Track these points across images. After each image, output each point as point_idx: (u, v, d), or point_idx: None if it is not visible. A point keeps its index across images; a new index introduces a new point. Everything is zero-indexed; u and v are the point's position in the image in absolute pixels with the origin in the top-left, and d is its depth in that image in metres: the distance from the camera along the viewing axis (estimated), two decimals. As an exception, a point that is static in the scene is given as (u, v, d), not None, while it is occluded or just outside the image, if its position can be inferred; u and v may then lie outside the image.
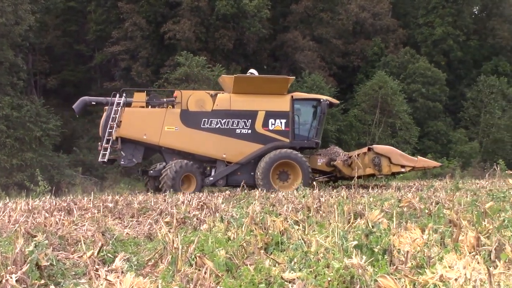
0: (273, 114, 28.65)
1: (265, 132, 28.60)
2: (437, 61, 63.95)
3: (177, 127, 28.40)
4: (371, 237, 9.14)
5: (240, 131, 28.54)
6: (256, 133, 28.54)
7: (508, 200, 13.97)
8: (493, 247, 8.20)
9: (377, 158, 27.85)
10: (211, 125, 28.49)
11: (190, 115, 28.55)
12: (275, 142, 28.56)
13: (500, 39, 67.38)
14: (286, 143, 28.61)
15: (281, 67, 60.54)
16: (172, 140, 28.41)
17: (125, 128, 28.15)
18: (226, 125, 28.52)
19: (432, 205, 14.26)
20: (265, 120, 28.59)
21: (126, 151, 28.33)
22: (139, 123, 28.29)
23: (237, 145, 28.50)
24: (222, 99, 28.93)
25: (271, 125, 28.61)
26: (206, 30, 54.12)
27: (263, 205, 16.26)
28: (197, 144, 28.46)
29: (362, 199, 16.65)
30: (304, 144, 29.06)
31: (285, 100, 28.82)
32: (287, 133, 28.67)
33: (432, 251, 8.63)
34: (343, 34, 63.27)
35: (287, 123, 28.63)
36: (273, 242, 9.91)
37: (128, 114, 28.35)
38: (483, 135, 61.48)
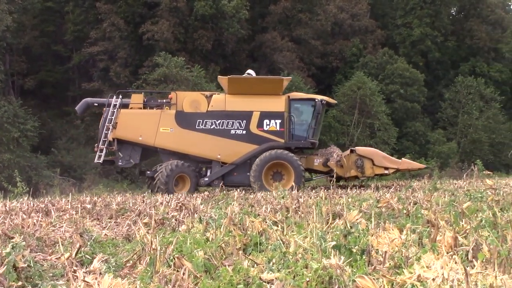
0: (268, 115, 28.59)
1: (260, 132, 28.57)
2: (415, 62, 64.23)
3: (172, 128, 28.58)
4: (350, 237, 9.16)
5: (234, 132, 28.56)
6: (250, 134, 28.54)
7: (486, 200, 14.04)
8: (470, 247, 8.25)
9: (360, 160, 27.84)
10: (206, 126, 28.57)
11: (185, 116, 28.70)
12: (269, 142, 28.50)
13: (478, 40, 67.79)
14: (281, 143, 28.55)
15: (260, 67, 60.50)
16: (167, 141, 28.63)
17: (121, 130, 28.56)
18: (221, 126, 28.55)
19: (410, 206, 14.32)
20: (260, 120, 28.54)
21: (124, 152, 28.77)
22: (134, 125, 28.62)
23: (232, 145, 28.54)
24: (217, 100, 29.01)
25: (266, 125, 28.53)
26: (185, 31, 54.03)
27: (241, 206, 16.26)
28: (191, 145, 28.59)
29: (340, 199, 16.70)
30: (299, 145, 28.94)
31: (280, 100, 28.75)
32: (282, 133, 28.59)
33: (410, 251, 8.67)
34: (321, 35, 63.39)
35: (282, 123, 28.53)
36: (252, 243, 9.92)
37: (124, 116, 28.73)
38: (461, 135, 61.81)
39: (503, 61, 69.04)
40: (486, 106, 63.07)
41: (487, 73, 66.85)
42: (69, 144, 49.62)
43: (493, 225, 10.17)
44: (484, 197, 14.58)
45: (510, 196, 13.95)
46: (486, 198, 14.31)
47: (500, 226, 9.85)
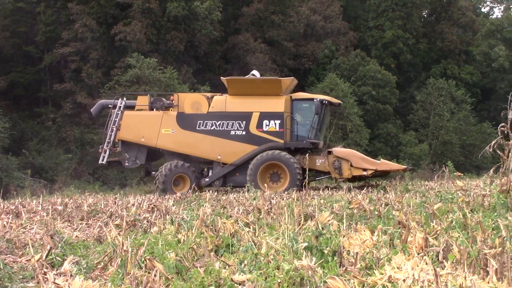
0: (267, 115, 28.57)
1: (259, 133, 28.56)
2: (387, 63, 64.52)
3: (173, 130, 28.93)
4: (321, 238, 9.18)
5: (234, 133, 28.63)
6: (250, 135, 28.56)
7: (456, 201, 14.14)
8: (440, 248, 8.30)
9: (337, 162, 27.63)
10: (206, 127, 28.75)
11: (186, 117, 28.96)
12: (269, 143, 28.48)
13: (449, 43, 68.23)
14: (280, 144, 28.50)
15: (233, 69, 60.50)
16: (168, 142, 29.01)
17: (124, 131, 29.21)
18: (221, 127, 28.67)
19: (381, 207, 14.38)
20: (259, 121, 28.55)
21: (130, 153, 29.44)
22: (137, 126, 29.18)
23: (232, 146, 28.61)
24: (217, 101, 29.16)
25: (265, 126, 28.52)
26: (157, 32, 53.87)
27: (214, 207, 16.24)
28: (192, 146, 28.84)
29: (312, 201, 16.72)
30: (299, 145, 28.74)
31: (279, 101, 28.68)
32: (282, 134, 28.53)
33: (381, 252, 8.71)
34: (294, 36, 63.52)
35: (281, 124, 28.47)
36: (224, 244, 9.91)
37: (127, 117, 29.37)
38: (432, 137, 62.18)
39: (473, 64, 69.54)
40: (457, 108, 63.50)
41: (458, 75, 67.30)
42: (40, 145, 49.31)
43: (463, 226, 10.25)
44: (455, 199, 14.68)
45: (480, 197, 14.03)
46: (456, 200, 14.41)
47: (470, 227, 9.93)
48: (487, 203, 13.48)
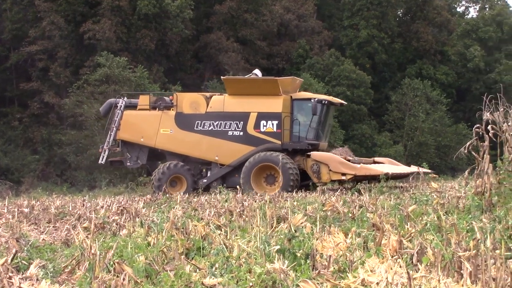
0: (265, 116, 28.46)
1: (257, 134, 28.46)
2: (362, 63, 64.79)
3: (171, 130, 29.03)
4: (294, 241, 9.19)
5: (232, 133, 28.61)
6: (248, 135, 28.49)
7: (431, 203, 14.21)
8: (415, 251, 8.35)
9: (316, 166, 27.25)
10: (204, 127, 28.77)
11: (184, 117, 29.01)
12: (266, 144, 28.33)
13: (424, 42, 68.61)
14: (277, 145, 28.32)
15: (205, 68, 60.54)
16: (167, 142, 29.15)
17: (124, 131, 29.47)
18: (219, 127, 28.66)
19: (355, 209, 14.42)
20: (257, 121, 28.46)
21: (131, 153, 29.69)
22: (136, 126, 29.42)
23: (229, 147, 28.57)
24: (216, 101, 29.16)
25: (263, 126, 28.41)
26: (127, 30, 53.72)
27: (185, 210, 16.22)
28: (190, 146, 28.91)
29: (285, 203, 16.74)
30: (296, 146, 28.48)
31: (277, 101, 28.54)
32: (279, 134, 28.37)
33: (354, 255, 8.74)
34: (267, 35, 63.58)
35: (279, 124, 28.32)
36: (194, 247, 9.90)
37: (127, 117, 29.62)
38: (408, 138, 62.54)
39: (449, 64, 70.01)
40: (433, 109, 63.91)
41: (433, 75, 67.72)
42: (6, 146, 48.97)
43: (437, 229, 10.30)
44: (430, 201, 14.75)
45: (455, 199, 14.13)
46: (431, 202, 14.48)
47: (445, 229, 9.99)
48: (462, 205, 13.57)
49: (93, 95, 47.59)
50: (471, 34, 72.05)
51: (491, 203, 13.05)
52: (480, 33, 71.36)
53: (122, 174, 44.38)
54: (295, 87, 30.01)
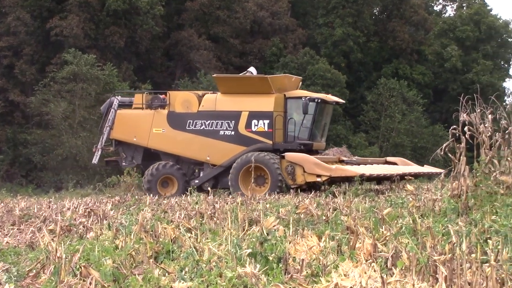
0: (256, 115, 28.43)
1: (248, 133, 28.44)
2: (337, 62, 64.91)
3: (164, 129, 29.14)
4: (266, 244, 9.21)
5: (223, 133, 28.62)
6: (239, 135, 28.48)
7: (407, 206, 14.30)
8: (389, 255, 8.39)
9: (291, 167, 27.03)
10: (196, 126, 28.82)
11: (176, 116, 29.10)
12: (257, 144, 28.30)
13: (401, 41, 68.89)
14: (269, 145, 28.28)
15: (176, 66, 60.41)
16: (159, 142, 29.31)
17: (117, 130, 29.70)
18: (210, 127, 28.68)
19: (329, 212, 14.48)
20: (248, 121, 28.43)
21: (127, 153, 29.94)
22: (129, 125, 29.61)
23: (221, 147, 28.58)
24: (208, 100, 29.20)
25: (254, 126, 28.39)
26: (96, 27, 53.44)
27: (154, 212, 16.19)
28: (182, 146, 29.00)
29: (257, 205, 16.74)
30: (287, 146, 28.39)
31: (269, 99, 28.47)
32: (270, 134, 28.33)
33: (328, 259, 8.77)
34: (240, 33, 63.54)
35: (270, 123, 28.28)
36: (164, 251, 9.89)
37: (120, 116, 29.84)
38: (383, 139, 62.79)
39: (425, 64, 70.35)
40: (409, 110, 64.18)
41: (410, 75, 68.02)
42: (-31, 146, 48.59)
43: (413, 232, 10.37)
44: (405, 203, 14.85)
45: (431, 202, 14.22)
46: (407, 204, 14.57)
47: (420, 233, 10.05)
48: (438, 208, 13.67)
49: (60, 94, 47.35)
50: (448, 33, 72.44)
51: (467, 206, 13.15)
52: (457, 32, 71.75)
53: (89, 175, 44.19)
54: (292, 85, 29.82)
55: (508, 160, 14.28)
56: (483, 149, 14.69)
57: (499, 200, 13.04)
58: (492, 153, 14.55)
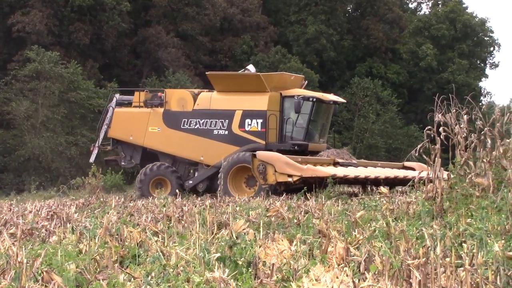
0: (249, 114, 28.27)
1: (242, 133, 28.27)
2: (310, 61, 65.11)
3: (159, 128, 29.17)
4: (235, 248, 9.20)
5: (217, 132, 28.50)
6: (233, 134, 28.33)
7: (380, 209, 14.35)
8: (362, 259, 8.40)
9: (262, 166, 26.83)
10: (190, 125, 28.76)
11: (172, 115, 29.10)
12: (251, 144, 28.05)
13: (375, 40, 69.25)
14: (261, 145, 27.99)
15: (143, 65, 60.26)
16: (155, 141, 29.33)
17: (114, 129, 29.84)
18: (204, 126, 28.60)
19: (301, 215, 14.49)
20: (242, 120, 28.28)
21: (126, 152, 30.05)
22: (126, 124, 29.69)
23: (214, 147, 28.41)
24: (203, 98, 29.11)
25: (248, 125, 28.22)
26: (60, 23, 53.19)
27: (120, 215, 16.12)
28: (176, 145, 28.96)
29: (227, 208, 16.74)
30: (280, 147, 28.01)
31: (263, 98, 28.25)
32: (264, 134, 28.12)
33: (299, 263, 8.77)
34: (210, 30, 63.54)
35: (263, 123, 28.07)
36: (130, 255, 9.85)
37: (116, 115, 29.98)
38: (357, 140, 63.06)
39: (400, 63, 70.79)
40: (383, 110, 64.52)
41: (384, 74, 68.39)
42: None
43: (386, 236, 10.40)
44: (378, 206, 14.89)
45: (405, 205, 14.27)
46: (380, 207, 14.62)
47: (394, 236, 10.08)
48: (412, 210, 13.72)
49: (22, 92, 47.08)
50: (423, 31, 72.94)
51: (442, 208, 13.23)
52: (432, 30, 72.27)
53: (53, 176, 43.97)
54: (291, 83, 29.49)
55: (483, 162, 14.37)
56: (459, 151, 14.78)
57: (475, 203, 13.12)
58: (467, 155, 14.64)
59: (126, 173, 44.14)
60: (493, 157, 14.49)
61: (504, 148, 14.41)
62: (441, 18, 73.65)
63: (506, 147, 14.39)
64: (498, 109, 15.54)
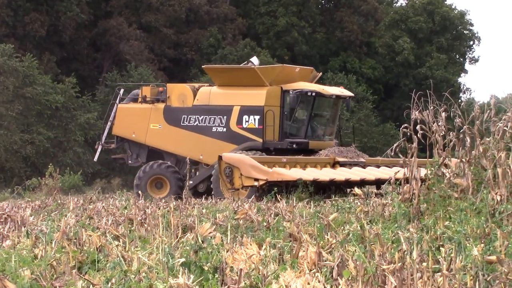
0: (247, 110, 28.15)
1: (239, 130, 28.17)
2: (280, 55, 65.12)
3: (160, 125, 29.13)
4: (201, 253, 9.22)
5: (216, 130, 28.45)
6: (231, 132, 28.26)
7: (354, 211, 14.42)
8: (335, 264, 8.44)
9: (229, 169, 26.61)
10: (190, 122, 28.73)
11: (172, 111, 29.07)
12: (248, 142, 27.93)
13: (349, 33, 69.36)
14: (258, 143, 27.88)
15: (104, 58, 59.97)
16: (156, 139, 29.33)
17: (118, 126, 29.86)
18: (203, 123, 28.53)
19: (271, 217, 14.54)
20: (239, 116, 28.15)
21: (132, 150, 30.04)
22: (128, 121, 29.64)
23: (213, 145, 28.25)
24: (202, 93, 29.00)
25: (245, 122, 28.08)
26: (14, 13, 52.79)
27: (78, 218, 16.08)
28: (176, 143, 28.93)
29: (193, 210, 16.75)
30: (277, 145, 27.92)
31: (260, 93, 28.05)
32: (261, 131, 27.91)
33: (268, 269, 8.79)
34: (174, 22, 63.34)
35: (260, 120, 27.84)
36: (88, 260, 9.83)
37: (120, 111, 30.01)
38: (330, 139, 63.09)
39: (375, 57, 70.97)
40: (358, 107, 64.64)
41: (358, 69, 68.52)
42: None
43: (360, 239, 10.46)
44: (353, 208, 14.97)
45: (380, 207, 14.35)
46: (354, 209, 14.69)
47: (368, 240, 10.14)
48: (387, 213, 13.82)
49: (-27, 87, 46.74)
50: (400, 24, 73.17)
51: (419, 210, 13.33)
52: (409, 23, 72.50)
53: (7, 177, 43.68)
54: (296, 76, 29.21)
55: (462, 162, 14.48)
56: (436, 150, 14.88)
57: (453, 205, 13.23)
58: (445, 154, 14.74)
59: (85, 173, 44.05)
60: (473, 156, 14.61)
61: (484, 147, 14.52)
62: (419, 10, 73.93)
63: (486, 146, 14.51)
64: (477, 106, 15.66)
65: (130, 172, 52.14)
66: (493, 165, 13.75)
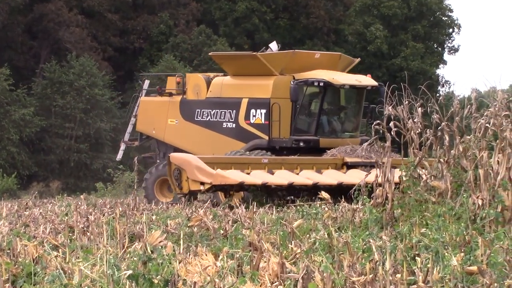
0: (254, 103, 27.57)
1: (247, 126, 27.67)
2: (239, 43, 65.21)
3: (177, 120, 28.92)
4: (150, 264, 9.22)
5: (226, 125, 28.08)
6: (239, 128, 27.79)
7: (321, 217, 14.46)
8: (300, 276, 8.47)
9: (177, 171, 26.15)
10: (203, 117, 28.42)
11: (187, 104, 28.79)
12: (255, 139, 27.40)
13: (315, 19, 69.59)
14: (264, 141, 27.27)
15: (41, 47, 59.67)
16: (173, 136, 29.10)
17: (140, 122, 29.84)
18: (215, 117, 28.19)
19: (228, 224, 14.55)
20: (248, 110, 27.61)
21: (160, 148, 29.78)
22: (149, 116, 29.49)
23: (223, 142, 27.79)
24: (215, 84, 28.58)
25: (252, 117, 27.51)
26: None
27: (12, 225, 15.99)
28: (191, 141, 28.50)
29: (141, 217, 16.73)
30: (281, 144, 27.21)
31: (267, 83, 27.39)
32: (267, 127, 27.27)
33: (225, 281, 8.81)
34: (120, 7, 63.25)
35: (267, 114, 27.20)
36: (24, 273, 9.78)
37: (142, 105, 29.92)
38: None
39: (345, 46, 71.21)
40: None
41: (326, 60, 68.73)
42: None
43: (328, 248, 10.50)
44: (319, 214, 15.01)
45: (350, 212, 14.42)
46: (321, 215, 14.73)
47: (336, 249, 10.19)
48: (358, 219, 13.87)
49: None
50: (372, 10, 73.54)
51: (392, 216, 13.41)
52: (382, 9, 72.87)
53: None
54: (321, 63, 28.46)
55: (440, 162, 14.58)
56: (412, 149, 14.96)
57: (430, 210, 13.32)
58: (422, 154, 14.82)
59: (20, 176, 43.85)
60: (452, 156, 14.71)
61: (464, 146, 14.63)
62: (393, -6, 74.38)
63: (466, 145, 14.61)
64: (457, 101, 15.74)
65: (71, 174, 52.16)
66: (474, 166, 13.84)
